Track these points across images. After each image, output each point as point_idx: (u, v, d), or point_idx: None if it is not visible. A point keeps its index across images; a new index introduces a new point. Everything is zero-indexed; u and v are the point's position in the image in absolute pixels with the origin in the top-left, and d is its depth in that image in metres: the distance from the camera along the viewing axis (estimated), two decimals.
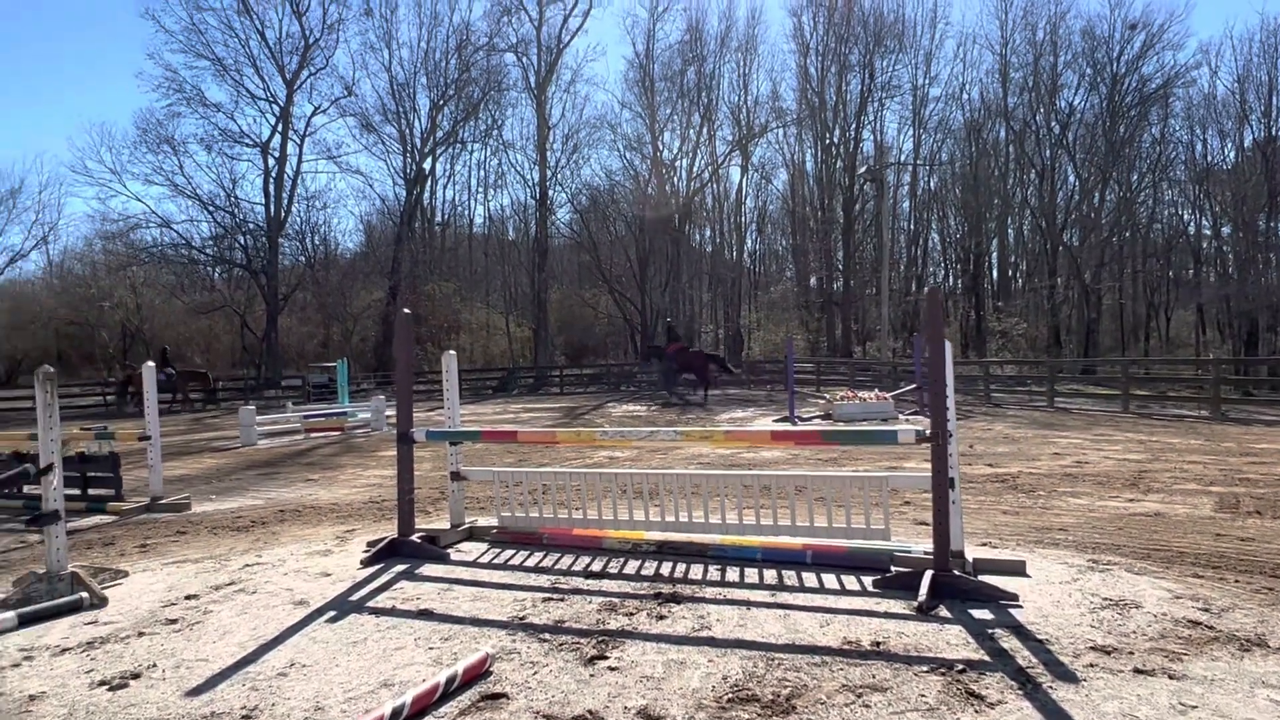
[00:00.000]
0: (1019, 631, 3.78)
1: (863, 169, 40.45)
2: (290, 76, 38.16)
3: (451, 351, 6.05)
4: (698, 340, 45.89)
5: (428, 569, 5.24)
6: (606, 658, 3.61)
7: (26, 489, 7.30)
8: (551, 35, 40.51)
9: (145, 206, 40.43)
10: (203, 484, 9.55)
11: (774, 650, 3.63)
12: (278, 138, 38.66)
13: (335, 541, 6.16)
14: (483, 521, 6.23)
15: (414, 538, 5.59)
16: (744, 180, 46.81)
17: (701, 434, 5.42)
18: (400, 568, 5.27)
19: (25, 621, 4.37)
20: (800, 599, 4.36)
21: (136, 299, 40.75)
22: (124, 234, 39.31)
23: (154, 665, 3.74)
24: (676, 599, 4.41)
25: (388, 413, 16.09)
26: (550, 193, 42.01)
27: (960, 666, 3.37)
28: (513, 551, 5.59)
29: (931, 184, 46.49)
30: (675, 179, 43.98)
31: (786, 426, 14.52)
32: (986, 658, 3.47)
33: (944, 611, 4.09)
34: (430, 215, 46.44)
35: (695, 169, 44.12)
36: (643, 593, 4.56)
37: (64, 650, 3.99)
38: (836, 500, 5.27)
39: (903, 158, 45.10)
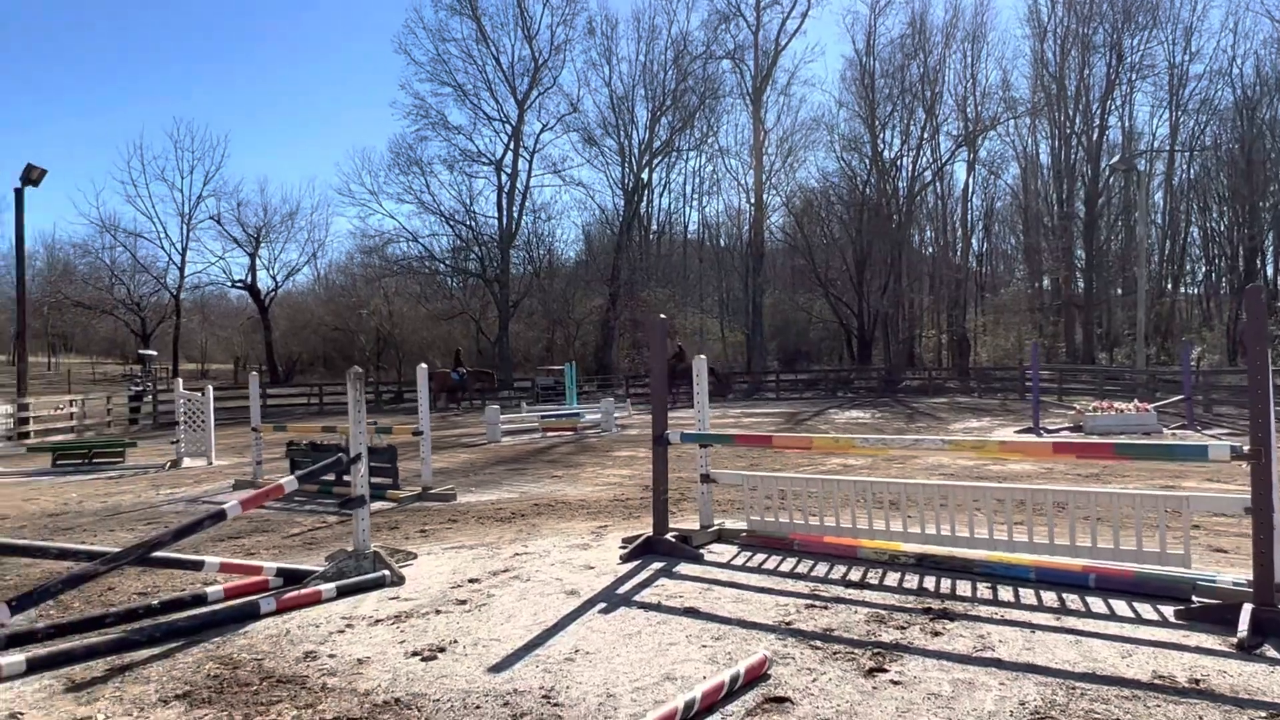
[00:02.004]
0: None
1: (1111, 159, 36.90)
2: (521, 97, 40.74)
3: (701, 356, 6.17)
4: (919, 344, 44.00)
5: (684, 568, 5.37)
6: (886, 670, 3.52)
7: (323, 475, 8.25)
8: (768, 39, 40.46)
9: (397, 222, 44.70)
10: (461, 476, 10.37)
11: (1073, 678, 3.38)
12: (510, 155, 41.40)
13: (591, 536, 6.47)
14: (730, 524, 6.29)
15: (668, 537, 5.75)
16: (970, 177, 44.27)
17: (972, 444, 5.16)
18: (657, 565, 5.44)
19: (342, 593, 4.93)
20: (1091, 625, 4.03)
21: (388, 306, 45.06)
22: (379, 248, 43.71)
23: (455, 641, 4.09)
24: (949, 615, 4.23)
25: (616, 415, 16.71)
26: (765, 197, 41.90)
27: None
28: (764, 556, 5.61)
29: (1191, 172, 41.67)
30: (896, 178, 42.40)
31: (1032, 438, 13.53)
32: None
33: (1271, 651, 3.63)
34: (647, 223, 47.76)
35: (917, 167, 42.33)
36: (910, 606, 4.41)
37: (377, 621, 4.47)
38: (1123, 521, 4.83)
39: (1156, 144, 40.78)
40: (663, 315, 5.67)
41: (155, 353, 34.08)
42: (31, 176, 20.85)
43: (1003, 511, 5.27)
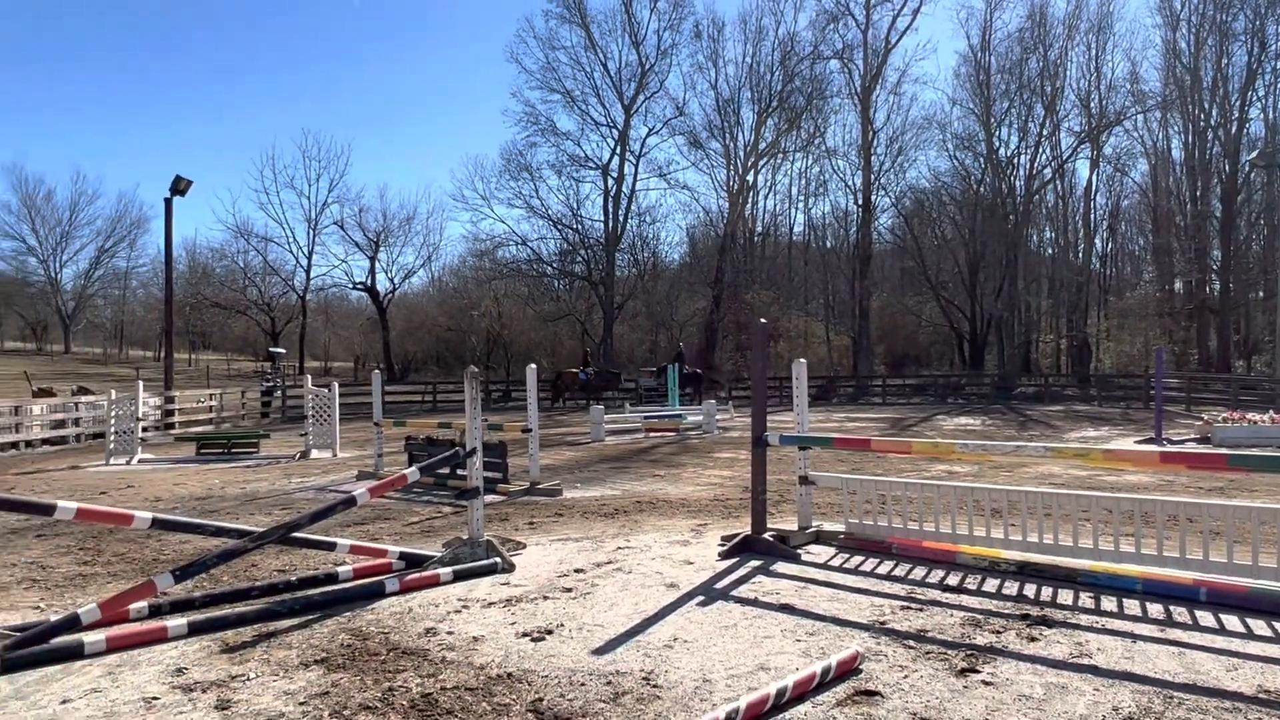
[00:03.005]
0: None
1: (1252, 154, 34.53)
2: (628, 102, 41.31)
3: (801, 360, 6.28)
4: (1036, 349, 42.30)
5: (781, 567, 5.50)
6: (978, 671, 3.59)
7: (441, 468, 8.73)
8: (878, 38, 39.68)
9: (507, 226, 45.99)
10: (566, 473, 10.75)
11: (1171, 688, 3.37)
12: (616, 159, 42.06)
13: (691, 533, 6.67)
14: (828, 526, 6.37)
15: (766, 536, 5.89)
16: (1094, 175, 42.24)
17: (1075, 451, 5.10)
18: (755, 563, 5.59)
19: (458, 577, 5.30)
20: (1197, 638, 3.97)
21: (498, 308, 46.45)
22: (490, 251, 45.16)
23: (562, 625, 4.37)
24: (1046, 622, 4.23)
25: (719, 417, 16.84)
26: (873, 198, 41.12)
27: None
28: (862, 558, 5.68)
29: None
30: (1012, 177, 40.88)
31: (1141, 447, 12.92)
32: None
33: None
34: (751, 225, 47.56)
35: (1036, 165, 40.68)
36: (1007, 611, 4.43)
37: (490, 604, 4.79)
38: (1241, 535, 4.69)
39: None
40: (763, 319, 5.82)
41: (284, 350, 36.22)
42: (179, 187, 22.61)
43: (1111, 522, 5.18)
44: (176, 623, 4.33)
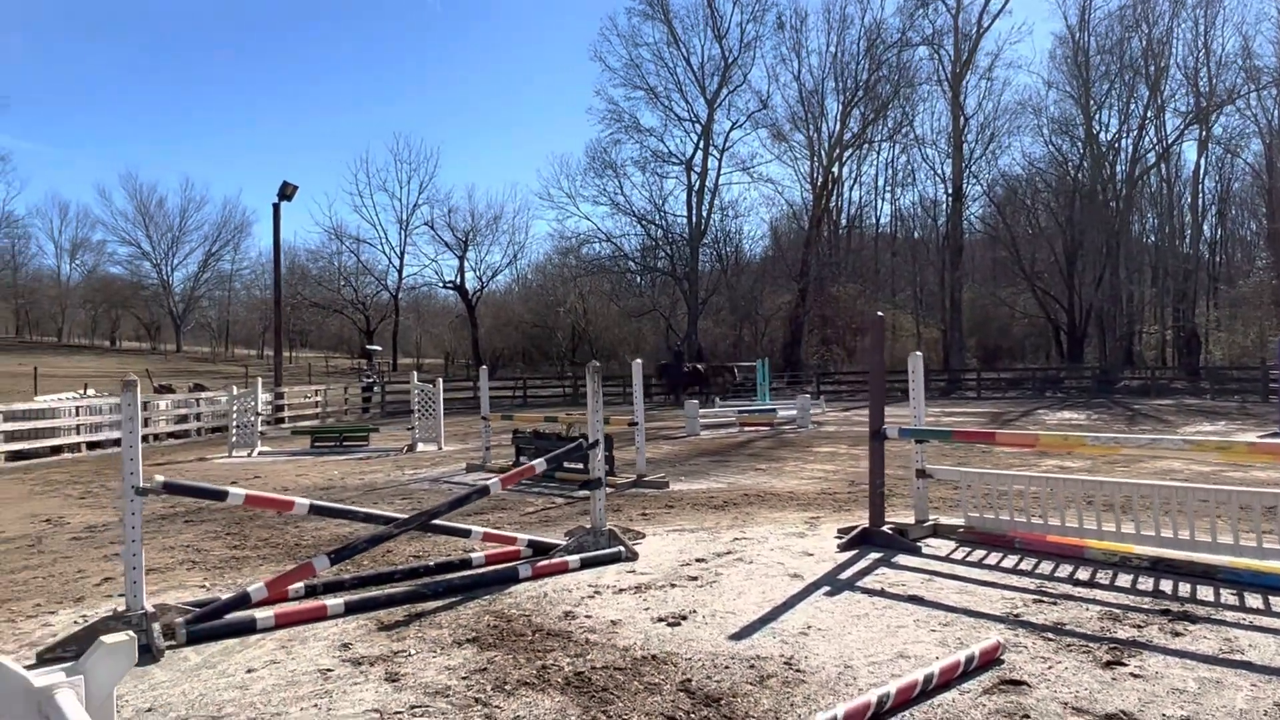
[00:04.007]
0: None
1: None
2: (711, 96, 41.28)
3: (917, 353, 6.27)
4: (1139, 341, 40.51)
5: (902, 559, 5.52)
6: (1125, 664, 3.57)
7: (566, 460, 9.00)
8: (969, 22, 38.61)
9: (591, 224, 46.58)
10: (668, 466, 10.91)
11: None
12: (699, 154, 42.09)
13: (805, 525, 6.73)
14: (944, 519, 6.35)
15: (885, 529, 5.92)
16: (1202, 157, 40.18)
17: (1216, 445, 4.97)
18: (875, 555, 5.63)
19: (585, 565, 5.50)
20: None
21: (583, 305, 47.06)
22: (575, 249, 45.80)
23: (694, 611, 4.51)
24: (1189, 618, 4.16)
25: (813, 411, 16.78)
26: (964, 186, 40.05)
27: None
28: (984, 552, 5.65)
29: None
30: (1113, 162, 39.23)
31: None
32: None
33: None
34: (836, 217, 46.93)
35: (1139, 149, 38.93)
36: (1145, 607, 4.37)
37: (620, 590, 4.97)
38: None
39: None
40: (880, 312, 5.84)
41: (380, 348, 37.52)
42: (286, 192, 23.68)
43: (1248, 518, 5.03)
44: (334, 602, 4.65)
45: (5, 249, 63.03)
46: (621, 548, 5.75)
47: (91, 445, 16.11)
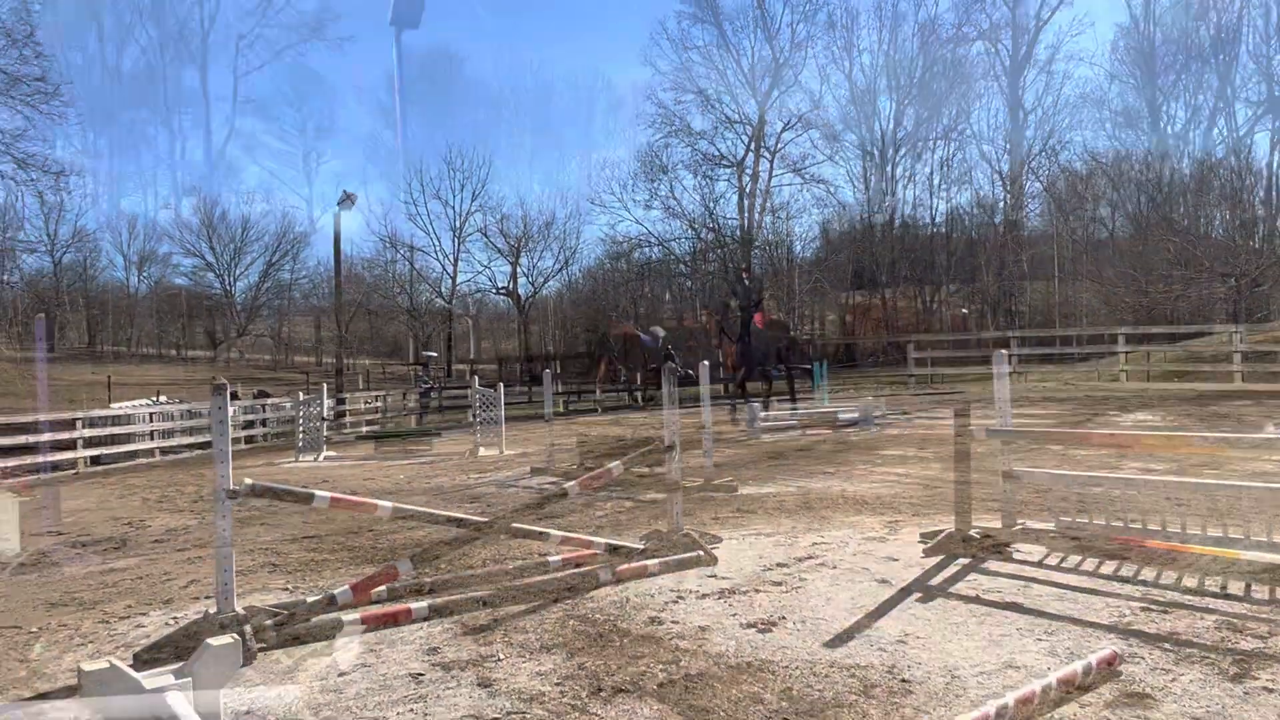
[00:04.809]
0: None
1: None
2: (761, 98, 41.15)
3: (1002, 351, 6.06)
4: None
5: (993, 565, 5.33)
6: (1255, 677, 3.36)
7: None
8: (1027, 15, 37.85)
9: (643, 228, 46.55)
10: (733, 470, 10.76)
11: None
12: (750, 156, 41.88)
13: (885, 530, 6.56)
14: (1033, 524, 6.12)
15: (971, 533, 5.72)
16: (1276, 152, 38.68)
17: None
18: (964, 560, 5.44)
19: (664, 569, 5.42)
20: None
21: (635, 309, 47.07)
22: (626, 254, 45.85)
23: (784, 617, 4.39)
24: None
25: (875, 413, 16.48)
26: (1023, 182, 39.16)
27: None
28: (1078, 557, 5.42)
29: None
30: (1180, 155, 38.01)
31: None
32: None
33: None
34: (890, 217, 46.24)
35: (1208, 141, 37.66)
36: (1265, 616, 4.13)
37: (704, 595, 4.87)
38: None
39: None
40: (964, 309, 5.64)
41: (435, 354, 38.01)
42: (345, 200, 24.13)
43: None
44: (418, 605, 4.64)
45: (78, 262, 65.37)
46: (700, 552, 5.65)
47: (164, 451, 16.55)
